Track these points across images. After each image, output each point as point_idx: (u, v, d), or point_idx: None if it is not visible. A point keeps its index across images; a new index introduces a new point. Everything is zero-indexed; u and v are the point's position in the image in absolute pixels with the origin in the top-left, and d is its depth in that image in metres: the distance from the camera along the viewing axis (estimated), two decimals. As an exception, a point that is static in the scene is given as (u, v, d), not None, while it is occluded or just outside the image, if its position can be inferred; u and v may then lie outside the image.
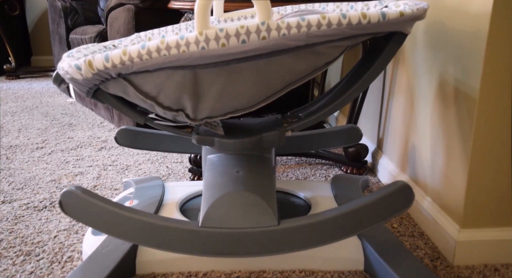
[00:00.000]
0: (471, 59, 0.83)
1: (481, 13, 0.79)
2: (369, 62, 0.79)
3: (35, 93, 2.48)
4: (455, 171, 0.90)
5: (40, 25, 3.30)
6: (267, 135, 0.82)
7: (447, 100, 0.93)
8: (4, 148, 1.58)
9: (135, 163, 1.44)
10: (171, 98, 0.71)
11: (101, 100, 0.75)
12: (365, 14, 0.65)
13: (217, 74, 0.67)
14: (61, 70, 0.69)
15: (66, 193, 0.77)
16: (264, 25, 0.62)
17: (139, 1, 1.59)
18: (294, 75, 0.72)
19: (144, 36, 0.99)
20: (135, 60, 0.64)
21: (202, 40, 0.62)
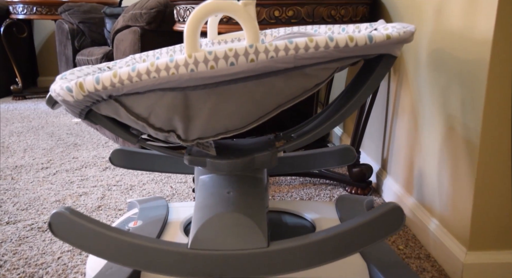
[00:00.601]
0: (474, 82, 0.84)
1: (483, 40, 0.80)
2: (360, 83, 0.79)
3: (41, 113, 2.50)
4: (461, 193, 0.89)
5: (47, 47, 3.35)
6: (259, 155, 0.82)
7: (451, 122, 0.93)
8: (10, 169, 1.59)
9: (139, 183, 1.44)
10: (162, 119, 0.71)
11: (93, 121, 0.75)
12: (352, 37, 0.66)
13: (207, 95, 0.68)
14: (53, 92, 0.70)
15: (56, 214, 0.76)
16: (252, 48, 0.63)
17: (145, 24, 1.62)
18: (284, 97, 0.72)
19: (139, 57, 1.00)
20: (125, 82, 0.65)
21: (191, 62, 0.63)
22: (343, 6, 1.20)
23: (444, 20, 0.95)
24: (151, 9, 1.61)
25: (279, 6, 1.16)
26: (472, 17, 0.84)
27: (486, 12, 0.79)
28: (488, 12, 0.78)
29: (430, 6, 1.02)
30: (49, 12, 2.71)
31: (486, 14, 0.79)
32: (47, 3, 2.69)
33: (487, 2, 0.79)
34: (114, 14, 2.18)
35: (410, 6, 1.13)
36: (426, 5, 1.04)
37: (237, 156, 0.82)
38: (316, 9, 1.17)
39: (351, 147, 1.13)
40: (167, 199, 1.32)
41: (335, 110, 0.82)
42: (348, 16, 1.22)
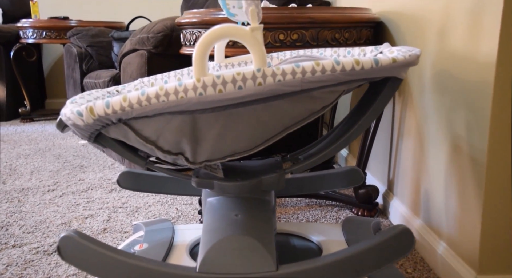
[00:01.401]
0: (479, 103, 0.84)
1: (487, 62, 0.81)
2: (366, 105, 0.80)
3: (48, 135, 2.52)
4: (469, 215, 0.88)
5: (55, 70, 3.41)
6: (266, 178, 0.82)
7: (457, 143, 0.93)
8: (17, 191, 1.59)
9: (145, 205, 1.44)
10: (171, 142, 0.72)
11: (102, 144, 0.76)
12: (358, 61, 0.67)
13: (215, 118, 0.69)
14: (63, 116, 0.71)
15: (64, 238, 0.76)
16: (260, 72, 0.64)
17: (151, 47, 1.65)
18: (291, 119, 0.73)
19: (147, 81, 1.02)
20: (134, 106, 0.66)
21: (200, 86, 0.64)
22: (347, 29, 1.22)
23: (447, 42, 0.96)
24: (158, 33, 1.64)
25: (284, 30, 1.18)
26: (475, 39, 0.85)
27: (489, 34, 0.80)
28: (491, 34, 0.79)
29: (433, 28, 1.03)
30: (58, 36, 2.77)
31: (489, 36, 0.80)
32: (57, 27, 2.75)
33: (490, 24, 0.80)
34: (122, 38, 2.23)
35: (413, 29, 1.15)
36: (429, 27, 1.05)
37: (245, 178, 0.82)
38: (321, 32, 1.19)
39: (358, 169, 1.12)
40: (172, 221, 1.31)
41: (341, 132, 0.83)
42: (352, 39, 1.23)
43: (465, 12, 0.88)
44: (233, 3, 0.84)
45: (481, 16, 0.82)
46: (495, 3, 0.78)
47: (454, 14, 0.93)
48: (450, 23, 0.95)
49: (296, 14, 1.18)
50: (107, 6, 3.21)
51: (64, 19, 2.80)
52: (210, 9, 1.25)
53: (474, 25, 0.85)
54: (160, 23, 1.69)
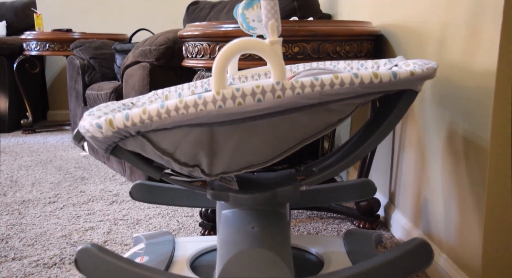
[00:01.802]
0: (479, 114, 0.84)
1: (487, 73, 0.81)
2: (382, 117, 0.80)
3: (49, 147, 2.53)
4: (470, 227, 0.88)
5: (58, 81, 3.43)
6: (282, 190, 0.82)
7: (457, 155, 0.93)
8: (17, 203, 1.59)
9: (145, 217, 1.43)
10: (188, 154, 0.72)
11: (118, 156, 0.76)
12: (376, 74, 0.67)
13: (233, 131, 0.69)
14: (82, 129, 0.72)
15: (82, 250, 0.76)
16: (279, 85, 0.64)
17: (154, 59, 1.66)
18: (308, 131, 0.73)
19: (161, 93, 1.02)
20: (154, 118, 0.66)
21: (219, 99, 0.64)
22: (348, 42, 1.23)
23: (447, 54, 0.97)
24: (161, 45, 1.65)
25: (285, 43, 1.19)
26: (475, 51, 0.85)
27: (488, 45, 0.81)
28: (490, 45, 0.80)
29: (432, 41, 1.04)
30: (61, 48, 2.79)
31: (488, 47, 0.81)
32: (60, 40, 2.77)
33: (489, 36, 0.80)
34: (124, 50, 2.24)
35: (413, 41, 1.15)
36: (429, 40, 1.06)
37: (260, 191, 0.82)
38: (322, 45, 1.20)
39: (371, 181, 1.12)
40: (173, 233, 1.31)
41: (356, 145, 0.83)
42: (353, 52, 1.24)
43: (464, 24, 0.89)
44: (253, 16, 0.85)
45: (480, 28, 0.83)
46: (494, 15, 0.79)
47: (453, 26, 0.94)
48: (449, 35, 0.95)
49: (298, 27, 1.19)
50: (111, 18, 3.24)
51: (67, 31, 2.82)
52: (212, 22, 1.26)
53: (473, 37, 0.86)
54: (162, 35, 1.71)
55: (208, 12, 2.38)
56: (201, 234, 1.29)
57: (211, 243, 1.07)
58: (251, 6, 0.84)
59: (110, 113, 0.81)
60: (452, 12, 0.94)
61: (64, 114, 3.43)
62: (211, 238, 1.12)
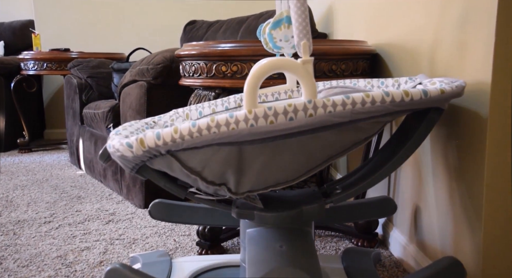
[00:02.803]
0: (475, 132, 0.85)
1: (481, 87, 0.82)
2: (406, 135, 0.81)
3: (46, 166, 2.52)
4: (468, 248, 0.88)
5: (55, 100, 3.44)
6: (307, 208, 0.82)
7: (454, 173, 0.93)
8: (12, 223, 1.57)
9: (142, 236, 1.42)
10: (216, 173, 0.72)
11: (143, 175, 0.76)
12: (407, 92, 0.68)
13: (261, 149, 0.69)
14: (111, 148, 0.71)
15: (111, 271, 0.76)
16: (311, 103, 0.65)
17: (151, 78, 1.67)
18: (335, 149, 0.74)
19: (182, 112, 1.02)
20: (186, 137, 0.66)
21: (251, 118, 0.64)
22: (343, 61, 1.24)
23: (440, 72, 0.98)
24: (158, 64, 1.67)
25: (281, 62, 1.20)
26: (469, 68, 0.86)
27: (482, 63, 0.82)
28: (484, 63, 0.81)
29: (426, 59, 1.05)
30: (58, 67, 2.80)
31: (482, 65, 0.82)
32: (57, 59, 2.79)
33: (482, 53, 0.82)
34: (122, 69, 2.26)
35: (407, 59, 1.17)
36: (422, 58, 1.07)
37: (285, 209, 0.82)
38: (318, 64, 1.21)
39: (391, 198, 1.11)
40: (170, 253, 1.29)
41: (380, 163, 0.83)
42: (349, 71, 1.25)
43: (457, 42, 0.90)
44: (280, 36, 0.87)
45: (473, 46, 0.84)
46: (487, 33, 0.80)
47: (446, 44, 0.95)
48: (442, 53, 0.97)
49: (293, 46, 1.20)
50: (108, 38, 3.27)
51: (65, 51, 2.84)
52: (209, 42, 1.27)
53: (466, 54, 0.87)
54: (160, 54, 1.72)
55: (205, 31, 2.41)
56: (198, 253, 1.28)
57: (208, 262, 1.05)
58: (279, 26, 0.86)
59: (135, 132, 0.80)
60: (444, 30, 0.96)
61: (61, 133, 3.43)
62: (209, 257, 1.11)
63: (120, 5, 3.21)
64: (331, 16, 2.00)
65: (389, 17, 1.30)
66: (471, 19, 0.85)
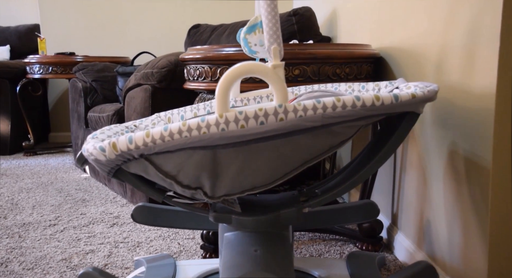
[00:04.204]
0: (480, 135, 0.85)
1: (486, 92, 0.82)
2: (384, 139, 0.80)
3: (51, 169, 2.53)
4: (474, 250, 0.87)
5: (60, 104, 3.45)
6: (285, 212, 0.82)
7: (459, 176, 0.93)
8: (18, 226, 1.58)
9: (146, 239, 1.42)
10: (191, 176, 0.72)
11: (121, 178, 0.76)
12: (378, 96, 0.68)
13: (236, 153, 0.69)
14: (85, 152, 0.72)
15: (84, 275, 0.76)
16: (281, 108, 0.65)
17: (155, 82, 1.68)
18: (311, 153, 0.74)
19: (164, 116, 1.03)
20: (157, 141, 0.67)
21: (222, 122, 0.65)
22: (348, 65, 1.24)
23: (445, 76, 0.98)
24: (162, 68, 1.67)
25: (286, 66, 1.21)
26: (473, 72, 0.86)
27: (486, 67, 0.82)
28: (489, 67, 0.81)
29: (431, 63, 1.05)
30: (64, 71, 2.82)
31: (487, 69, 0.82)
32: (63, 63, 2.81)
33: (487, 58, 0.82)
34: (127, 72, 2.27)
35: (412, 63, 1.17)
36: (428, 62, 1.07)
37: (263, 213, 0.82)
38: (322, 68, 1.22)
39: (374, 202, 1.11)
40: (174, 256, 1.30)
41: (359, 167, 0.83)
42: (353, 74, 1.26)
43: (462, 46, 0.90)
44: (255, 41, 0.87)
45: (478, 50, 0.84)
46: (491, 37, 0.80)
47: (451, 48, 0.95)
48: (448, 57, 0.97)
49: (298, 50, 1.20)
50: (113, 42, 3.29)
51: (70, 55, 2.86)
52: (214, 46, 1.28)
53: (471, 59, 0.87)
54: (164, 58, 1.73)
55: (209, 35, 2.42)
56: (203, 257, 1.28)
57: (213, 266, 1.05)
58: (253, 31, 0.86)
59: (114, 136, 0.81)
60: (449, 34, 0.96)
61: (66, 136, 3.44)
62: (213, 261, 1.11)
63: (125, 9, 3.23)
64: (334, 20, 2.01)
65: (393, 21, 1.30)
66: (476, 23, 0.85)
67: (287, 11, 1.91)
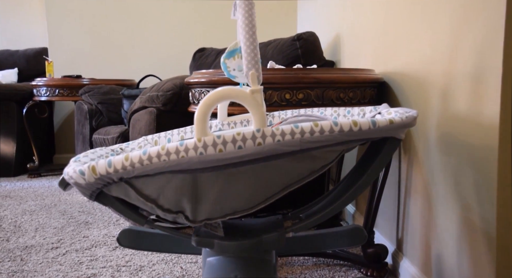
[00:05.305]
0: (485, 164, 0.84)
1: (490, 124, 0.82)
2: (367, 164, 0.80)
3: (54, 191, 2.53)
4: (482, 276, 0.86)
5: (65, 125, 3.48)
6: (267, 237, 0.81)
7: (465, 203, 0.92)
8: (20, 249, 1.57)
9: (149, 263, 1.41)
10: (171, 200, 0.72)
11: (103, 202, 0.76)
12: (356, 122, 0.69)
13: (215, 177, 0.69)
14: (66, 175, 0.72)
15: None
16: (259, 132, 0.66)
17: (160, 105, 1.69)
18: (291, 178, 0.74)
19: (151, 139, 1.03)
20: (136, 165, 0.67)
21: (200, 146, 0.65)
22: (351, 89, 1.25)
23: (450, 103, 0.98)
24: (168, 91, 1.69)
25: (290, 90, 1.22)
26: (478, 101, 0.87)
27: (491, 96, 0.82)
28: (493, 96, 0.81)
29: (435, 89, 1.06)
30: (70, 93, 2.85)
31: (491, 98, 0.82)
32: (69, 85, 2.84)
33: (491, 87, 0.82)
34: (132, 95, 2.29)
35: (416, 89, 1.18)
36: (432, 88, 1.08)
37: (245, 237, 0.81)
38: (326, 92, 1.23)
39: (361, 227, 1.10)
40: (177, 281, 1.28)
41: (344, 190, 0.83)
42: (357, 99, 1.26)
43: (466, 74, 0.91)
44: (234, 65, 0.88)
45: (483, 78, 0.85)
46: (495, 66, 0.81)
47: (455, 76, 0.96)
48: (452, 84, 0.97)
49: (302, 75, 1.22)
50: (119, 65, 3.34)
51: (77, 78, 2.90)
52: (218, 70, 1.30)
53: (475, 87, 0.87)
54: (169, 81, 1.75)
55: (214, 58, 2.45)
56: (205, 282, 1.26)
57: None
58: (232, 56, 0.88)
59: (96, 159, 0.81)
60: (453, 61, 0.97)
61: (70, 157, 3.45)
62: (216, 286, 1.10)
63: (131, 33, 3.29)
64: (338, 44, 2.03)
65: (396, 46, 1.31)
66: (480, 51, 0.86)
67: (291, 36, 1.94)
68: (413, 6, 1.18)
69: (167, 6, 3.25)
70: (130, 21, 3.27)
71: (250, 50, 0.74)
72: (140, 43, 3.30)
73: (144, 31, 3.28)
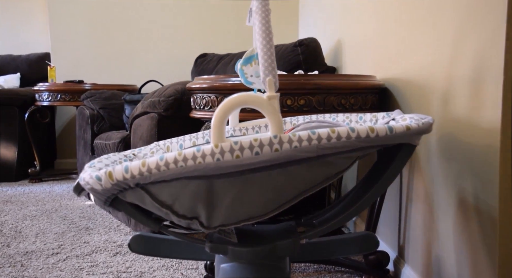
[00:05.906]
0: (486, 169, 0.84)
1: (491, 128, 0.82)
2: (381, 169, 0.80)
3: (55, 196, 2.53)
4: (484, 284, 0.85)
5: (67, 130, 3.48)
6: (281, 243, 0.81)
7: (467, 209, 0.92)
8: (20, 254, 1.57)
9: (149, 269, 1.40)
10: (186, 206, 0.72)
11: (117, 208, 0.76)
12: (373, 128, 0.68)
13: (231, 183, 0.69)
14: (82, 181, 0.72)
15: None
16: (276, 138, 0.66)
17: (162, 110, 1.70)
18: (306, 184, 0.73)
19: (163, 144, 1.03)
20: (153, 171, 0.67)
21: (217, 152, 0.65)
22: (353, 95, 1.25)
23: (451, 108, 0.98)
24: (169, 97, 1.69)
25: (292, 96, 1.22)
26: (478, 106, 0.86)
27: (491, 101, 0.82)
28: (494, 101, 0.81)
29: (436, 95, 1.06)
30: (72, 98, 2.86)
31: (491, 103, 0.82)
32: (71, 90, 2.85)
33: (492, 91, 0.82)
34: (134, 100, 2.29)
35: (417, 95, 1.17)
36: (433, 94, 1.08)
37: (259, 244, 0.81)
38: (327, 98, 1.23)
39: (373, 234, 1.10)
40: (177, 287, 1.27)
41: (356, 197, 0.82)
42: (358, 105, 1.26)
43: (467, 79, 0.91)
44: (251, 72, 0.88)
45: (484, 84, 0.85)
46: (495, 71, 0.81)
47: (456, 81, 0.96)
48: (453, 90, 0.97)
49: (303, 81, 1.22)
50: (121, 70, 3.34)
51: (79, 83, 2.91)
52: (220, 76, 1.30)
53: (476, 92, 0.87)
54: (171, 87, 1.75)
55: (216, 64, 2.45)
56: (206, 288, 1.26)
57: (216, 298, 1.03)
58: (250, 63, 0.87)
59: (111, 165, 0.81)
60: (455, 67, 0.97)
61: (72, 162, 3.46)
62: (216, 293, 1.09)
63: (132, 39, 3.30)
64: (339, 50, 2.04)
65: (398, 52, 1.31)
66: (481, 57, 0.86)
67: (292, 42, 1.94)
68: (414, 13, 1.18)
69: (169, 12, 3.27)
70: (132, 26, 3.29)
71: (267, 56, 0.74)
72: (142, 48, 3.31)
73: (146, 37, 3.29)
